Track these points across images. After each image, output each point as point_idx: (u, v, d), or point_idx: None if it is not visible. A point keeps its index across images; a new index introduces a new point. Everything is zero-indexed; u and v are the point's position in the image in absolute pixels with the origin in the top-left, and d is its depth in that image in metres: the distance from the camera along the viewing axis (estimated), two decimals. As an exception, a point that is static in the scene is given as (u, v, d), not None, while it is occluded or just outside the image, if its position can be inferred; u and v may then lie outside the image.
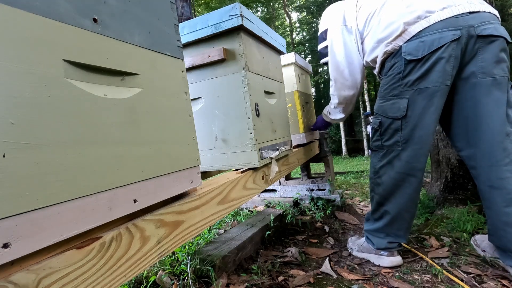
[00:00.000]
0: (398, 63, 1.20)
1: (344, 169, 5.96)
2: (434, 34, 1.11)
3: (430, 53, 1.12)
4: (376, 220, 1.41)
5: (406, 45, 1.17)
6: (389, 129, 1.28)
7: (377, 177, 1.36)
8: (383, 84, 1.29)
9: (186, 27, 1.14)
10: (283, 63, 1.92)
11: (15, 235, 0.38)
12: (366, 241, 1.46)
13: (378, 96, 1.34)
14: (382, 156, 1.33)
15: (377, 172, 1.36)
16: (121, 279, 0.53)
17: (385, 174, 1.33)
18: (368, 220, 1.48)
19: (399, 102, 1.22)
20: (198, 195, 0.78)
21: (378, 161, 1.35)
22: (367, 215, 1.49)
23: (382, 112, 1.30)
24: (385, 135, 1.30)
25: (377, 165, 1.36)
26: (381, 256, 1.37)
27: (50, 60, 0.45)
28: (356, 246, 1.51)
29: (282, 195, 2.47)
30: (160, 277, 1.17)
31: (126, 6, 0.60)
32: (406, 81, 1.19)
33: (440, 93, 1.17)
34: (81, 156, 0.47)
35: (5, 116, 0.38)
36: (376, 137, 1.35)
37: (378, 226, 1.39)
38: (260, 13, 16.77)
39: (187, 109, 0.76)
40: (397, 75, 1.21)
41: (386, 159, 1.31)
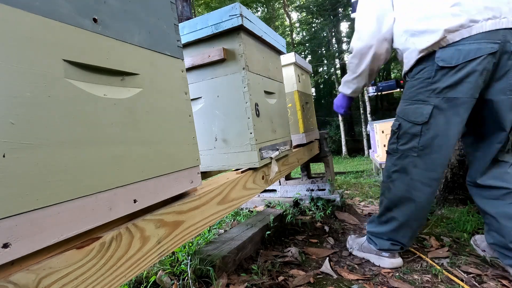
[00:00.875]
0: (428, 67, 1.15)
1: (344, 169, 5.96)
2: (472, 44, 1.06)
3: (464, 63, 1.07)
4: (381, 224, 1.38)
5: (441, 51, 1.10)
6: (407, 133, 1.23)
7: (390, 181, 1.32)
8: (408, 86, 1.24)
9: (186, 27, 1.14)
10: (283, 63, 1.92)
11: (15, 235, 0.38)
12: (368, 241, 1.44)
13: (402, 98, 1.29)
14: (396, 160, 1.29)
15: (390, 176, 1.32)
16: (121, 279, 0.53)
17: (398, 180, 1.28)
18: (372, 221, 1.45)
19: (423, 108, 1.17)
20: (198, 195, 0.78)
21: (392, 165, 1.31)
22: (372, 217, 1.47)
23: (403, 115, 1.25)
24: (402, 139, 1.25)
25: (391, 169, 1.31)
26: (382, 257, 1.35)
27: (50, 60, 0.45)
28: (356, 245, 1.50)
29: (282, 195, 2.47)
30: (160, 277, 1.17)
31: (126, 6, 0.60)
32: (434, 87, 1.14)
33: (468, 105, 1.12)
34: (81, 156, 0.47)
35: (5, 116, 0.38)
36: (393, 139, 1.31)
37: (382, 230, 1.36)
38: (260, 13, 16.77)
39: (187, 109, 0.76)
40: (426, 80, 1.16)
41: (400, 164, 1.27)
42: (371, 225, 1.45)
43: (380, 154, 3.66)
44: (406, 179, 1.25)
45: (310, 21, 15.18)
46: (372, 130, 4.31)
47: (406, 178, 1.25)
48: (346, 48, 15.46)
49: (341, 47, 15.37)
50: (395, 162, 1.29)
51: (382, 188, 1.38)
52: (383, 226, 1.36)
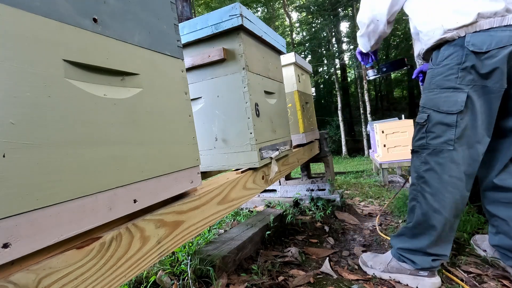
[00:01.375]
0: (457, 52, 1.06)
1: (344, 169, 5.96)
2: (505, 31, 1.01)
3: (497, 49, 1.01)
4: (416, 237, 1.18)
5: (471, 35, 1.03)
6: (439, 125, 1.10)
7: (422, 183, 1.15)
8: (434, 74, 1.13)
9: (186, 27, 1.14)
10: (283, 63, 1.92)
11: (15, 235, 0.38)
12: (398, 260, 1.23)
13: (425, 88, 1.17)
14: (427, 157, 1.14)
15: (421, 176, 1.15)
16: (121, 279, 0.53)
17: (433, 179, 1.12)
18: (402, 235, 1.25)
19: (457, 95, 1.07)
20: (198, 195, 0.78)
21: (422, 164, 1.16)
22: (401, 229, 1.26)
23: (432, 105, 1.12)
24: (433, 132, 1.12)
25: (421, 168, 1.16)
26: (420, 276, 1.15)
27: (50, 60, 0.45)
28: (380, 265, 1.27)
29: (282, 195, 2.47)
30: (160, 277, 1.17)
31: (126, 6, 0.60)
32: (465, 74, 1.05)
33: (498, 95, 1.07)
34: (81, 156, 0.47)
35: (5, 116, 0.38)
36: (420, 134, 1.17)
37: (420, 245, 1.15)
38: (260, 13, 16.77)
39: (187, 109, 0.76)
40: (456, 65, 1.06)
41: (434, 161, 1.12)
42: (400, 240, 1.25)
43: (380, 154, 3.66)
44: (446, 177, 1.10)
45: (310, 21, 15.18)
46: (372, 130, 4.31)
47: (445, 176, 1.10)
48: (346, 48, 15.46)
49: (341, 47, 15.37)
50: (426, 159, 1.14)
51: (413, 192, 1.20)
52: (420, 239, 1.17)
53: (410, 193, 1.22)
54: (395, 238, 1.28)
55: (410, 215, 1.22)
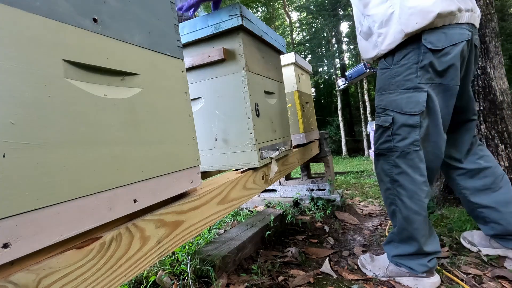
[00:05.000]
0: (414, 51, 1.07)
1: (344, 169, 5.96)
2: (455, 29, 1.04)
3: (450, 46, 1.04)
4: (404, 242, 1.17)
5: (427, 33, 1.04)
6: (404, 127, 1.11)
7: (398, 187, 1.14)
8: (392, 74, 1.13)
9: (186, 27, 1.14)
10: (283, 63, 1.92)
11: (15, 235, 0.38)
12: (395, 266, 1.22)
13: (383, 89, 1.17)
14: (396, 160, 1.14)
15: (396, 180, 1.15)
16: (121, 279, 0.53)
17: (407, 181, 1.12)
18: (390, 241, 1.24)
19: (417, 96, 1.07)
20: (198, 195, 0.78)
21: (393, 167, 1.15)
22: (389, 236, 1.26)
23: (394, 107, 1.12)
24: (399, 135, 1.12)
25: (393, 171, 1.15)
26: (419, 277, 1.16)
27: (50, 60, 0.45)
28: (379, 271, 1.26)
29: (282, 195, 2.47)
30: (160, 277, 1.17)
31: (126, 6, 0.60)
32: (423, 72, 1.07)
33: (454, 92, 1.10)
34: (81, 156, 0.47)
35: (5, 116, 0.38)
36: (385, 137, 1.16)
37: (412, 250, 1.15)
38: (260, 13, 16.77)
39: (187, 109, 0.76)
40: (414, 65, 1.07)
41: (406, 163, 1.12)
42: (392, 247, 1.24)
43: (380, 154, 3.65)
44: (416, 178, 1.11)
45: (310, 21, 15.18)
46: (372, 130, 4.31)
47: (417, 176, 1.11)
48: (346, 48, 15.45)
49: (341, 47, 15.36)
50: (396, 162, 1.14)
51: (390, 197, 1.18)
52: (409, 243, 1.16)
53: (387, 197, 1.21)
54: (387, 245, 1.27)
55: (393, 219, 1.22)
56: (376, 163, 1.24)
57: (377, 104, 1.20)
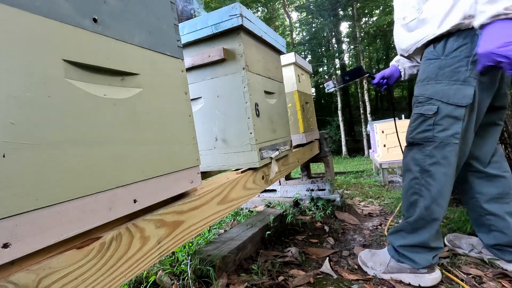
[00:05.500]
0: (467, 45, 1.04)
1: (344, 169, 5.96)
2: None
3: None
4: (416, 231, 1.17)
5: None
6: (447, 118, 1.08)
7: (428, 177, 1.13)
8: (441, 65, 1.10)
9: (186, 27, 1.14)
10: (283, 63, 1.92)
11: (15, 235, 0.38)
12: (397, 260, 1.21)
13: (429, 79, 1.14)
14: (433, 150, 1.11)
15: (427, 170, 1.13)
16: (121, 279, 0.53)
17: (440, 173, 1.11)
18: (400, 230, 1.23)
19: (466, 89, 1.05)
20: (198, 195, 0.78)
21: (427, 157, 1.13)
22: (402, 225, 1.23)
23: (441, 96, 1.09)
24: (441, 125, 1.10)
25: (426, 161, 1.13)
26: (420, 274, 1.15)
27: (50, 60, 0.45)
28: (380, 267, 1.25)
29: (282, 195, 2.47)
30: (160, 277, 1.17)
31: (126, 6, 0.60)
32: (473, 67, 1.03)
33: (492, 91, 1.09)
34: (81, 156, 0.47)
35: (5, 116, 0.38)
36: (425, 126, 1.14)
37: (421, 240, 1.14)
38: (260, 13, 16.77)
39: (187, 109, 0.76)
40: (465, 58, 1.04)
41: (441, 154, 1.10)
42: (399, 236, 1.22)
43: (380, 154, 3.66)
44: (449, 170, 1.11)
45: (310, 21, 15.18)
46: (372, 130, 4.31)
47: (449, 169, 1.11)
48: (346, 48, 15.45)
49: (341, 47, 15.36)
50: (432, 152, 1.12)
51: (415, 186, 1.17)
52: (420, 233, 1.16)
53: (411, 187, 1.18)
54: (393, 235, 1.26)
55: (410, 209, 1.19)
56: (407, 152, 1.23)
57: (420, 93, 1.17)
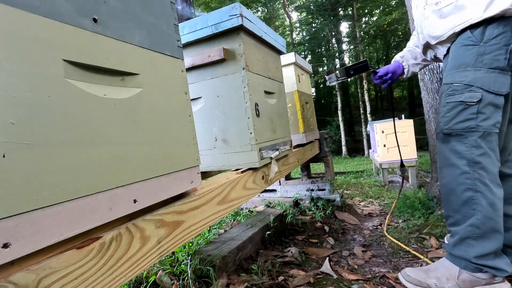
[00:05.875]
0: (506, 33, 1.00)
1: (344, 169, 5.96)
2: None
3: None
4: (485, 236, 1.02)
5: None
6: (490, 106, 1.03)
7: (480, 169, 1.03)
8: (480, 52, 1.05)
9: (186, 27, 1.14)
10: (283, 63, 1.92)
11: (15, 235, 0.38)
12: (472, 270, 1.04)
13: (466, 65, 1.08)
14: (478, 140, 1.04)
15: (477, 162, 1.03)
16: (121, 279, 0.53)
17: (490, 164, 1.03)
18: (464, 239, 1.06)
19: (503, 77, 1.02)
20: (198, 195, 0.78)
21: (473, 148, 1.04)
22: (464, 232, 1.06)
23: (482, 84, 1.04)
24: (484, 113, 1.03)
25: (474, 152, 1.04)
26: (496, 284, 1.02)
27: (50, 60, 0.45)
28: (449, 282, 1.07)
29: (282, 195, 2.47)
30: (160, 277, 1.17)
31: (126, 6, 0.60)
32: (510, 56, 1.00)
33: None
34: (81, 156, 0.47)
35: (5, 116, 0.38)
36: (467, 115, 1.06)
37: (496, 246, 1.01)
38: (260, 13, 16.77)
39: (187, 109, 0.76)
40: (505, 46, 1.01)
41: (487, 145, 1.03)
42: (465, 248, 1.06)
43: (380, 154, 3.66)
44: (495, 162, 1.04)
45: (310, 21, 15.17)
46: (372, 130, 4.32)
47: (495, 161, 1.04)
48: (346, 48, 15.45)
49: (341, 47, 15.36)
50: (478, 142, 1.04)
51: (466, 181, 1.05)
52: (492, 238, 1.02)
53: (461, 183, 1.06)
54: (458, 247, 1.07)
55: (464, 208, 1.06)
56: (443, 145, 1.14)
57: (456, 80, 1.10)
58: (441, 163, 1.15)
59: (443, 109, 1.14)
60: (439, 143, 1.16)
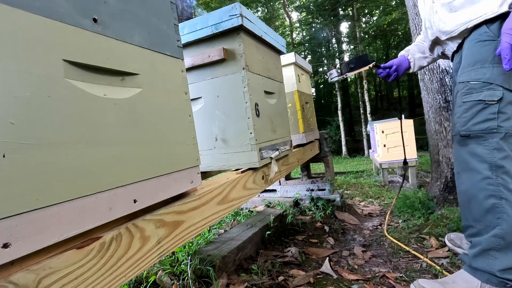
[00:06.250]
0: None
1: (344, 169, 5.96)
2: None
3: None
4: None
5: None
6: (510, 106, 0.97)
7: (504, 174, 0.95)
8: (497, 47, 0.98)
9: (186, 27, 1.14)
10: (283, 63, 1.92)
11: (15, 235, 0.38)
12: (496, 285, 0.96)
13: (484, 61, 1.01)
14: (500, 142, 0.96)
15: (500, 166, 0.96)
16: (121, 279, 0.53)
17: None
18: (486, 250, 0.97)
19: None
20: (198, 195, 0.78)
21: (495, 151, 0.97)
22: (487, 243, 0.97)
23: (502, 81, 0.97)
24: (505, 113, 0.96)
25: (495, 156, 0.96)
26: None
27: (50, 60, 0.45)
28: None
29: (282, 195, 2.47)
30: (160, 277, 1.17)
31: (126, 6, 0.60)
32: None
33: None
34: (81, 156, 0.47)
35: (5, 116, 0.38)
36: (487, 115, 0.98)
37: None
38: (260, 13, 16.76)
39: (187, 109, 0.76)
40: None
41: (510, 147, 0.97)
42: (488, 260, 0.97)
43: (380, 154, 3.66)
44: None
45: (310, 21, 15.17)
46: (372, 130, 4.31)
47: None
48: (346, 48, 15.45)
49: (341, 47, 15.36)
50: (500, 145, 0.96)
51: (488, 187, 0.97)
52: None
53: (483, 189, 0.98)
54: (480, 259, 0.99)
55: (487, 217, 0.97)
56: (461, 148, 1.05)
57: (473, 78, 1.03)
58: (459, 168, 1.07)
59: (459, 109, 1.06)
60: (456, 146, 1.09)
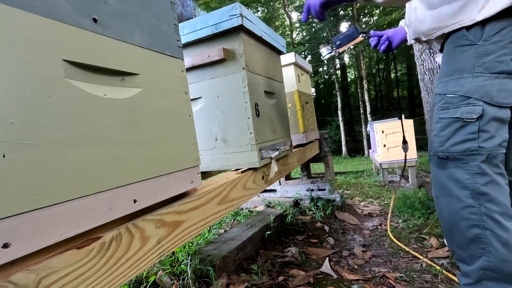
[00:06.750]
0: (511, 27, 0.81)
1: (344, 169, 5.96)
2: None
3: None
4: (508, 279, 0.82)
5: None
6: (493, 122, 0.83)
7: (488, 201, 0.83)
8: (478, 53, 0.84)
9: (186, 27, 1.14)
10: (283, 63, 1.92)
11: (15, 235, 0.38)
12: None
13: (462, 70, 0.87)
14: (483, 166, 0.84)
15: (484, 194, 0.83)
16: (121, 279, 0.53)
17: (499, 193, 0.84)
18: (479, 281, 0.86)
19: (510, 83, 0.82)
20: (198, 195, 0.78)
21: (477, 175, 0.84)
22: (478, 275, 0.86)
23: (482, 95, 0.83)
24: (487, 132, 0.83)
25: (478, 181, 0.84)
26: None
27: (50, 60, 0.45)
28: None
29: (282, 195, 2.47)
30: (160, 277, 1.17)
31: (126, 6, 0.60)
32: None
33: None
34: (81, 156, 0.47)
35: (5, 116, 0.38)
36: (465, 135, 0.86)
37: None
38: (260, 13, 16.76)
39: (187, 109, 0.76)
40: (510, 44, 0.81)
41: (493, 170, 0.84)
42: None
43: (380, 154, 3.66)
44: (505, 190, 0.85)
45: (310, 21, 15.17)
46: (372, 130, 4.31)
47: (505, 188, 0.85)
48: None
49: (341, 47, 15.34)
50: (481, 169, 0.84)
51: (471, 217, 0.85)
52: None
53: (465, 218, 0.87)
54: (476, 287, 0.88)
55: (471, 246, 0.86)
56: (439, 171, 0.93)
57: (449, 91, 0.90)
58: (438, 192, 0.95)
59: (436, 126, 0.94)
60: (434, 168, 0.96)
